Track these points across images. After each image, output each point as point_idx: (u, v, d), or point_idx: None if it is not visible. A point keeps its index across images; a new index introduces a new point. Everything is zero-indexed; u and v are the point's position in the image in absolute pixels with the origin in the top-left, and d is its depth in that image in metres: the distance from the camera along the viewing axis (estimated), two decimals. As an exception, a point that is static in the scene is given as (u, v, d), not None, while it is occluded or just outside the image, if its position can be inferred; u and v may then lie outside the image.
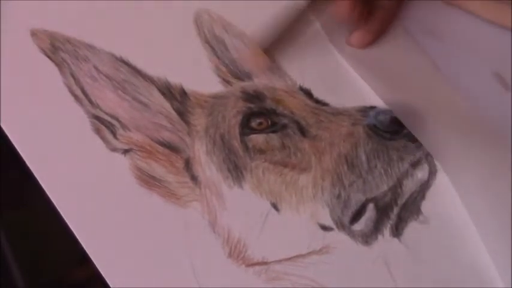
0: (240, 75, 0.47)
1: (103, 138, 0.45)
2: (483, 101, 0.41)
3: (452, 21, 0.42)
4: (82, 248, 0.43)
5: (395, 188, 0.44)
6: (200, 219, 0.44)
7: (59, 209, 0.43)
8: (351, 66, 0.48)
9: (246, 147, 0.45)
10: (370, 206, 0.44)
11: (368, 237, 0.44)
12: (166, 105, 0.46)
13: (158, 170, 0.45)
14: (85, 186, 0.44)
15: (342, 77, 0.48)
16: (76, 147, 0.45)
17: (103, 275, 0.43)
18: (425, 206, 0.45)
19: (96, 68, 0.46)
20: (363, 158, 0.44)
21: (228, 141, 0.45)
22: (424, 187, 0.45)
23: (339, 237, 0.44)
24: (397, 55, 0.46)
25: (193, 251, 0.44)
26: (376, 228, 0.44)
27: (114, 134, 0.45)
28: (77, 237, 0.43)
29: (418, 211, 0.45)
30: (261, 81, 0.47)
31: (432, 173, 0.45)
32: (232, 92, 0.47)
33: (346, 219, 0.44)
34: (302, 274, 0.44)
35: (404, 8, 0.44)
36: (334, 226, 0.44)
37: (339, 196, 0.44)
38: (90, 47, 0.46)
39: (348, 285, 0.44)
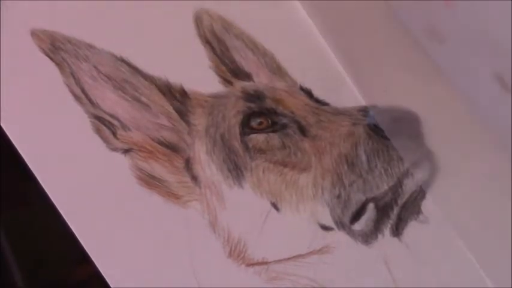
0: (240, 75, 0.47)
1: (103, 138, 0.45)
2: (483, 102, 0.41)
3: (452, 22, 0.42)
4: (82, 248, 0.43)
5: (396, 188, 0.44)
6: (200, 219, 0.44)
7: (59, 209, 0.43)
8: (342, 66, 0.48)
9: (246, 147, 0.45)
10: (371, 206, 0.44)
11: (368, 237, 0.44)
12: (167, 105, 0.46)
13: (158, 169, 0.45)
14: (85, 186, 0.44)
15: (342, 77, 0.48)
16: (76, 147, 0.45)
17: (103, 275, 0.43)
18: (426, 205, 0.45)
19: (96, 67, 0.46)
20: (363, 157, 0.44)
21: (228, 140, 0.45)
22: (424, 187, 0.45)
23: (339, 237, 0.44)
24: (396, 55, 0.46)
25: (193, 251, 0.44)
26: (376, 228, 0.44)
27: (114, 133, 0.45)
28: (77, 237, 0.43)
29: (418, 211, 0.45)
30: (261, 81, 0.47)
31: (432, 172, 0.45)
32: (232, 91, 0.47)
33: (346, 219, 0.44)
34: (302, 274, 0.44)
35: (404, 7, 0.44)
36: (334, 226, 0.44)
37: (339, 196, 0.44)
38: (90, 47, 0.46)
39: (348, 285, 0.44)
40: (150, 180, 0.45)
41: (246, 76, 0.48)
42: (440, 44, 0.41)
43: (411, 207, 0.45)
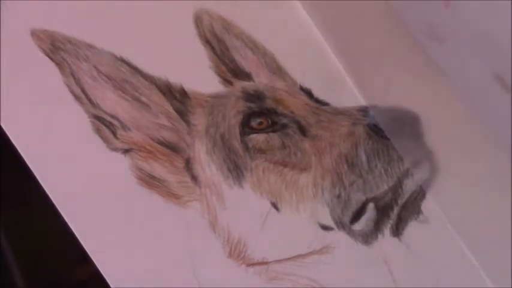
0: (240, 75, 0.47)
1: (103, 137, 0.45)
2: (483, 102, 0.41)
3: (452, 22, 0.42)
4: (82, 248, 0.43)
5: (396, 188, 0.44)
6: (200, 219, 0.44)
7: (59, 209, 0.43)
8: (342, 66, 0.48)
9: (246, 147, 0.45)
10: (371, 206, 0.44)
11: (368, 237, 0.44)
12: (167, 104, 0.46)
13: (158, 169, 0.45)
14: (85, 186, 0.44)
15: (342, 76, 0.48)
16: (76, 147, 0.45)
17: (103, 275, 0.43)
18: (426, 205, 0.45)
19: (96, 67, 0.46)
20: (363, 157, 0.44)
21: (228, 140, 0.45)
22: (424, 186, 0.45)
23: (339, 237, 0.44)
24: (396, 55, 0.46)
25: (193, 251, 0.44)
26: (376, 228, 0.44)
27: (114, 133, 0.45)
28: (77, 236, 0.43)
29: (418, 211, 0.45)
30: (261, 80, 0.47)
31: (432, 172, 0.45)
32: (232, 91, 0.47)
33: (346, 219, 0.44)
34: (302, 274, 0.44)
35: (405, 7, 0.44)
36: (334, 226, 0.44)
37: (339, 196, 0.44)
38: (90, 47, 0.46)
39: (348, 285, 0.44)
40: (150, 180, 0.45)
41: (246, 76, 0.48)
42: (440, 44, 0.41)
43: (411, 207, 0.45)
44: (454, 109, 0.42)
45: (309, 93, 0.47)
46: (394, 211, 0.45)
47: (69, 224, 0.43)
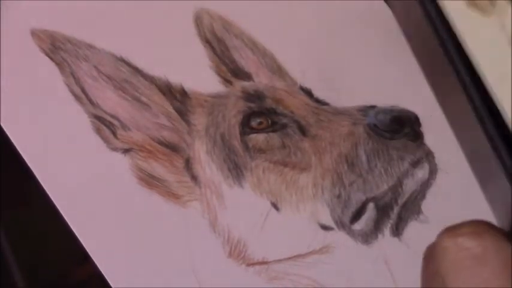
0: (240, 74, 0.47)
1: (103, 137, 0.45)
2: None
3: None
4: (82, 248, 0.43)
5: (396, 188, 0.44)
6: (200, 218, 0.44)
7: (59, 209, 0.43)
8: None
9: (246, 147, 0.45)
10: (371, 206, 0.44)
11: (368, 237, 0.44)
12: (167, 104, 0.46)
13: (158, 169, 0.45)
14: (85, 185, 0.44)
15: (342, 76, 0.48)
16: (76, 147, 0.45)
17: (104, 275, 0.43)
18: (426, 205, 0.45)
19: (96, 67, 0.46)
20: (363, 157, 0.44)
21: (228, 140, 0.45)
22: (424, 186, 0.45)
23: (339, 237, 0.44)
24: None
25: (193, 250, 0.44)
26: (376, 228, 0.44)
27: (114, 133, 0.45)
28: (78, 236, 0.43)
29: (418, 210, 0.45)
30: (261, 80, 0.47)
31: (432, 172, 0.45)
32: (232, 91, 0.47)
33: (346, 219, 0.44)
34: (302, 274, 0.44)
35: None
36: (334, 226, 0.44)
37: (339, 196, 0.44)
38: (90, 47, 0.46)
39: (348, 285, 0.44)
40: (150, 180, 0.45)
41: (246, 76, 0.48)
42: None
43: (411, 207, 0.45)
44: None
45: (309, 93, 0.47)
46: (394, 211, 0.44)
47: (69, 224, 0.43)
